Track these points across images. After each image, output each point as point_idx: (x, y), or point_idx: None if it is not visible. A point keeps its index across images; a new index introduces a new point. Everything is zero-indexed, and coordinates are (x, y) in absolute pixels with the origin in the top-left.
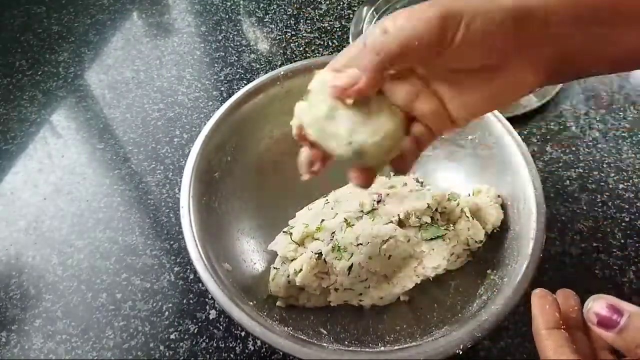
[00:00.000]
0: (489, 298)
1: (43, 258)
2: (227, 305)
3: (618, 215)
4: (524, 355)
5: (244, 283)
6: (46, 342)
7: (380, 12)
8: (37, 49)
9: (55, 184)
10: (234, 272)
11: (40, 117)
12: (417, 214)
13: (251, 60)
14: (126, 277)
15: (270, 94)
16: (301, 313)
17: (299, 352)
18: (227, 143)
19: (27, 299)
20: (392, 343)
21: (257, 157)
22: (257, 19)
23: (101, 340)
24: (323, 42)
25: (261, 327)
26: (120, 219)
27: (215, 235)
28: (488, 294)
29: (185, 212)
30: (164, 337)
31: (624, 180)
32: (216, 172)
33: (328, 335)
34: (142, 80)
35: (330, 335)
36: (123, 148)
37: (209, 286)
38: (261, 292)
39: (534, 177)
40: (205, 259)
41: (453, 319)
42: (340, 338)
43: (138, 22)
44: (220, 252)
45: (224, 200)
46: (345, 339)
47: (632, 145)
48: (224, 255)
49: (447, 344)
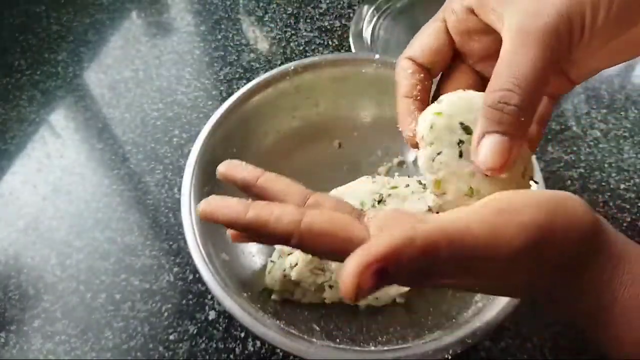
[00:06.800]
0: (484, 305)
1: (42, 258)
2: (220, 294)
3: (619, 215)
4: (525, 356)
5: (241, 274)
6: (45, 343)
7: (380, 12)
8: (36, 49)
9: (54, 184)
10: (232, 263)
11: (39, 117)
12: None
13: (251, 60)
14: (125, 277)
15: (279, 88)
16: (296, 308)
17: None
18: (233, 135)
19: (26, 299)
20: (383, 344)
21: (263, 150)
22: (256, 18)
23: (100, 341)
24: (323, 41)
25: (252, 318)
26: (119, 219)
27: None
28: (484, 301)
29: (186, 200)
30: (163, 337)
31: (625, 180)
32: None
33: (320, 332)
34: (141, 80)
35: (323, 332)
36: (122, 148)
37: (204, 274)
38: (257, 285)
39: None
40: (203, 248)
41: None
42: (332, 335)
43: (137, 21)
44: (219, 242)
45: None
46: (337, 336)
47: (633, 145)
48: (223, 245)
49: (437, 348)
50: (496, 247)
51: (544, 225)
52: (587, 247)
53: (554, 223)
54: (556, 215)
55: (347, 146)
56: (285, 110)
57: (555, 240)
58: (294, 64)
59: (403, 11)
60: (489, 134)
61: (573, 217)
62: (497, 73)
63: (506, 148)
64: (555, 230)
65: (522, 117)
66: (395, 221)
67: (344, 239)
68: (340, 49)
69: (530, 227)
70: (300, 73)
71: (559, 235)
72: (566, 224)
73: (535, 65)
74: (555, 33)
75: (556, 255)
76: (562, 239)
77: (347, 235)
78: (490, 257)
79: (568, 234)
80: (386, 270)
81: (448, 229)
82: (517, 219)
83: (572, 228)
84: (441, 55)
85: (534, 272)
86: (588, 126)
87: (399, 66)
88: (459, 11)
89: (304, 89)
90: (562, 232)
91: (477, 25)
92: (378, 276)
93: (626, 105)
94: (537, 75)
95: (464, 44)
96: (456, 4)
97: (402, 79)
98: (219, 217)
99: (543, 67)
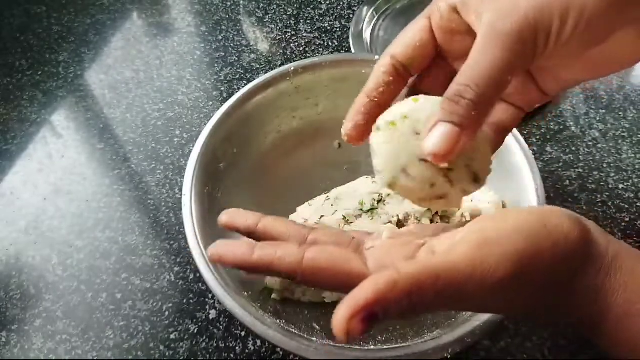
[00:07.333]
0: None
1: (43, 258)
2: (221, 293)
3: (618, 215)
4: (524, 355)
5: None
6: (46, 342)
7: (380, 12)
8: (37, 49)
9: (55, 184)
10: None
11: (40, 117)
12: (416, 216)
13: (251, 60)
14: (126, 277)
15: (279, 89)
16: (296, 307)
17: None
18: (234, 135)
19: (27, 299)
20: (383, 343)
21: (264, 151)
22: (257, 19)
23: (101, 340)
24: (323, 42)
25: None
26: (120, 219)
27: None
28: None
29: (187, 200)
30: (164, 337)
31: (623, 180)
32: (221, 162)
33: (320, 330)
34: (142, 80)
35: (323, 331)
36: (123, 148)
37: (204, 274)
38: (258, 284)
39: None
40: (204, 247)
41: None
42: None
43: (138, 22)
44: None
45: (227, 191)
46: None
47: (632, 145)
48: None
49: (436, 346)
50: (481, 280)
51: (528, 251)
52: (576, 261)
53: (538, 247)
54: (539, 238)
55: (347, 146)
56: (285, 110)
57: (541, 263)
58: (294, 65)
59: (403, 12)
60: (442, 123)
61: (558, 236)
62: (462, 69)
63: (453, 137)
64: (540, 253)
65: (474, 111)
66: (389, 256)
67: (344, 274)
68: (340, 49)
69: (514, 256)
70: (301, 74)
71: (544, 257)
72: (550, 245)
73: (495, 65)
74: (518, 37)
75: (544, 275)
76: (548, 261)
77: (346, 271)
78: (476, 288)
79: (553, 254)
80: (375, 314)
81: (432, 268)
82: (498, 250)
83: (557, 248)
84: (421, 53)
85: (521, 294)
86: (587, 126)
87: (378, 62)
88: (444, 10)
89: (304, 89)
90: (547, 255)
91: (459, 25)
92: (367, 320)
93: (625, 106)
94: (494, 75)
95: (446, 42)
96: (442, 2)
97: (373, 76)
98: (228, 261)
99: (502, 68)
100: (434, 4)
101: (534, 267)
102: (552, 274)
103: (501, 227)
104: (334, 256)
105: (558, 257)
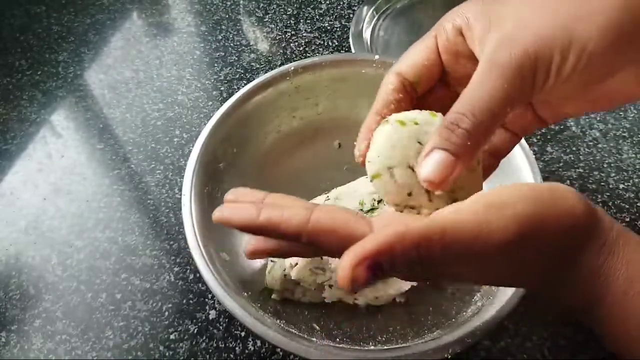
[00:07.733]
0: (483, 305)
1: (43, 258)
2: (221, 294)
3: (618, 215)
4: (524, 355)
5: (241, 274)
6: (46, 343)
7: (380, 12)
8: (36, 49)
9: (55, 184)
10: (232, 263)
11: (39, 117)
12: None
13: (251, 60)
14: (126, 277)
15: (279, 88)
16: (296, 308)
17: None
18: (233, 135)
19: (26, 299)
20: (383, 343)
21: (263, 150)
22: (257, 18)
23: (101, 341)
24: (323, 42)
25: (252, 317)
26: (120, 219)
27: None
28: (483, 300)
29: (187, 200)
30: (164, 337)
31: (624, 180)
32: (221, 162)
33: (320, 331)
34: (141, 80)
35: (323, 332)
36: (123, 148)
37: (204, 274)
38: (257, 285)
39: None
40: (204, 247)
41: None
42: (332, 335)
43: (138, 22)
44: (219, 242)
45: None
46: (337, 336)
47: (632, 145)
48: (223, 245)
49: (436, 347)
50: (487, 239)
51: (533, 216)
52: (580, 235)
53: (544, 214)
54: (545, 206)
55: (347, 146)
56: (285, 110)
57: (546, 230)
58: (294, 65)
59: (403, 12)
60: (437, 150)
61: (563, 207)
62: (460, 96)
63: (448, 165)
64: (545, 220)
65: (469, 141)
66: (395, 220)
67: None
68: (340, 49)
69: (520, 218)
70: (300, 73)
71: (549, 225)
72: (556, 214)
73: (493, 96)
74: (518, 70)
75: (548, 244)
76: (553, 228)
77: (352, 231)
78: (482, 249)
79: (559, 223)
80: (380, 264)
81: (440, 223)
82: (507, 212)
83: (562, 217)
84: (428, 72)
85: (526, 261)
86: (587, 126)
87: (385, 80)
88: (450, 31)
89: (304, 89)
90: (552, 222)
91: (464, 49)
92: (372, 270)
93: (625, 105)
94: (492, 107)
95: (451, 64)
96: (447, 23)
97: (382, 93)
98: (234, 221)
99: (500, 100)
100: (440, 23)
101: (539, 232)
102: (556, 244)
103: (508, 193)
104: (341, 218)
105: (563, 227)
